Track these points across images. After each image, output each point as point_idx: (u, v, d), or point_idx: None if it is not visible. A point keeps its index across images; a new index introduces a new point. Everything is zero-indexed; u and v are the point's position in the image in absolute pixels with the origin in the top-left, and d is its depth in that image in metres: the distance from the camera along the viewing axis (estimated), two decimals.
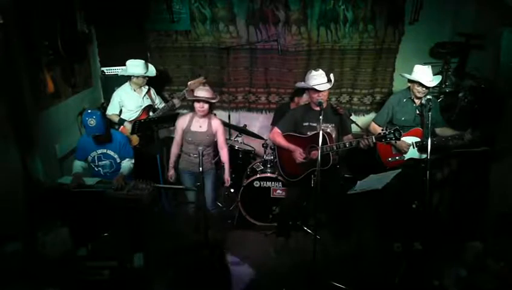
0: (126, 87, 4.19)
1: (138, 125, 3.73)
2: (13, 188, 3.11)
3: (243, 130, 4.54)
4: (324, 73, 3.31)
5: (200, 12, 4.65)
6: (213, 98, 3.45)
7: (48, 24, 3.79)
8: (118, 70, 4.52)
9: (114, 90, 4.24)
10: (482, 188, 3.41)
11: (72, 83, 4.26)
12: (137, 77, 4.08)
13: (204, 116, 3.51)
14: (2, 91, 3.08)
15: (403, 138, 3.41)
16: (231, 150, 4.16)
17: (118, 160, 3.65)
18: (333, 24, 4.57)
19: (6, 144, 3.08)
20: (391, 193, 3.42)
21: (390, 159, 3.55)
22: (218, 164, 3.94)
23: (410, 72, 3.45)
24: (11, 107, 3.16)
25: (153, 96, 4.34)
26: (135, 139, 4.14)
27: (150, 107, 4.30)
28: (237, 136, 4.59)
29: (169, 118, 3.94)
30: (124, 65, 4.09)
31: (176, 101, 4.23)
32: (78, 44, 4.37)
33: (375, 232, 3.86)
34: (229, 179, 3.74)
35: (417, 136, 3.48)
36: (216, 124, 3.57)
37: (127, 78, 4.16)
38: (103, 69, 4.69)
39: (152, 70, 4.19)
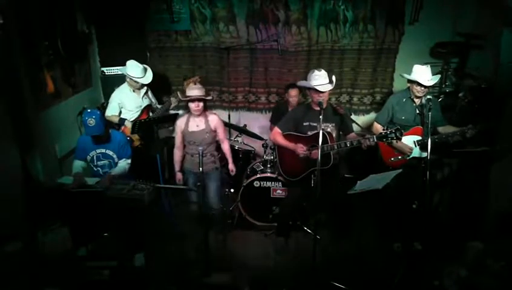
0: (124, 88, 4.14)
1: (139, 125, 3.73)
2: (13, 188, 3.11)
3: (243, 130, 4.54)
4: (326, 74, 3.31)
5: (200, 12, 4.65)
6: (206, 95, 3.44)
7: (48, 24, 3.79)
8: (118, 70, 4.51)
9: (114, 90, 4.21)
10: (482, 188, 3.41)
11: (72, 83, 4.25)
12: (131, 78, 4.03)
13: (200, 114, 3.51)
14: (2, 91, 3.08)
15: (404, 138, 3.41)
16: (231, 150, 4.14)
17: (116, 160, 3.64)
18: (333, 24, 4.57)
19: (6, 144, 3.08)
20: (391, 193, 3.43)
21: (392, 159, 3.54)
22: (222, 163, 3.90)
23: (410, 72, 3.45)
24: (11, 107, 3.16)
25: (150, 96, 4.32)
26: (136, 139, 4.11)
27: (150, 107, 4.28)
28: (237, 136, 4.59)
29: (170, 117, 3.93)
30: (125, 65, 4.06)
31: (173, 100, 4.21)
32: (78, 44, 4.38)
33: (375, 232, 3.86)
34: (234, 168, 3.75)
35: (418, 135, 3.48)
36: (214, 120, 3.57)
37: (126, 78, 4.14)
38: (103, 69, 4.69)
39: (147, 78, 4.10)
